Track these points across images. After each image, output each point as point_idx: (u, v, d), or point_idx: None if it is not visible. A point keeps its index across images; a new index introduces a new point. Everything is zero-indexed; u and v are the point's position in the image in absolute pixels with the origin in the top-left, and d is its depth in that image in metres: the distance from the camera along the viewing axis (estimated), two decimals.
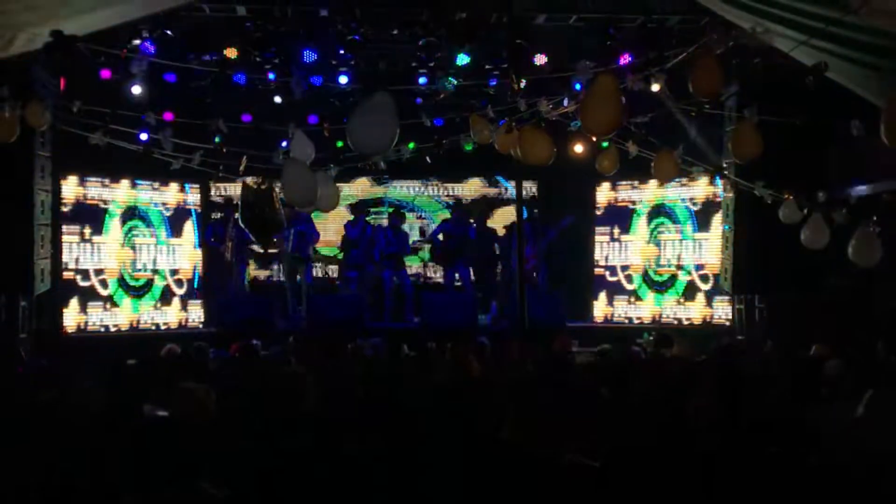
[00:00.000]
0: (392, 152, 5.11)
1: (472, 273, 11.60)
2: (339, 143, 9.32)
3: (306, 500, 3.20)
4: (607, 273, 11.69)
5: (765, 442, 3.39)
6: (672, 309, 11.17)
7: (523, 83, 7.58)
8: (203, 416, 4.01)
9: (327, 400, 4.40)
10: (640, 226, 11.47)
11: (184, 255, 11.24)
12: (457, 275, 11.60)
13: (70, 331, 10.08)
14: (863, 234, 6.28)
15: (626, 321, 11.47)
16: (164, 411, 4.29)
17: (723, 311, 10.71)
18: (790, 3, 5.39)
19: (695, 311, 10.98)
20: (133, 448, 3.32)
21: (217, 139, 7.77)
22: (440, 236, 11.63)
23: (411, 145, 8.11)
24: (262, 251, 11.34)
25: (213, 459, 3.28)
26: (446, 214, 12.46)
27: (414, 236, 12.16)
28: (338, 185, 7.44)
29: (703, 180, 10.53)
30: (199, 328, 11.08)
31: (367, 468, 3.30)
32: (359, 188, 12.87)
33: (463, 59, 9.59)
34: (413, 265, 12.38)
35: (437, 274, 12.47)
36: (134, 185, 10.73)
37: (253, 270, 12.11)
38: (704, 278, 10.92)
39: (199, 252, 11.31)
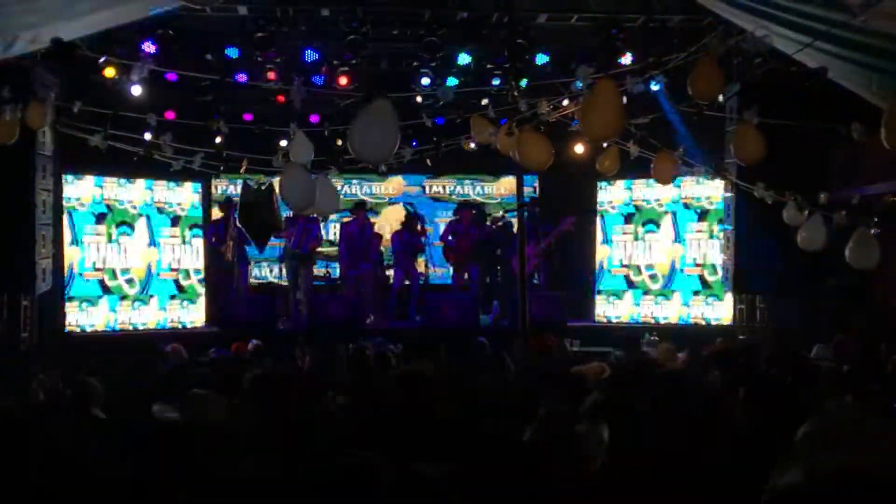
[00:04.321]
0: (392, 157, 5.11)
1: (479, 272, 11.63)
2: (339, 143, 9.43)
3: None
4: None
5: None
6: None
7: (524, 83, 7.57)
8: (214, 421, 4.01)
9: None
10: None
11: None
12: (466, 275, 11.61)
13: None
14: (860, 236, 6.25)
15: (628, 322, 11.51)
16: (173, 413, 4.30)
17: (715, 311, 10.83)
18: (792, 5, 5.38)
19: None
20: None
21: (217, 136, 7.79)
22: (450, 237, 11.64)
23: None
24: (258, 252, 11.35)
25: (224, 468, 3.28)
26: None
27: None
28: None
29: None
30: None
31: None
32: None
33: (464, 59, 9.60)
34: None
35: (438, 273, 12.47)
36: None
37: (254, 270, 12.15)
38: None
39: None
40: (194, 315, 11.32)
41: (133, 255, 10.87)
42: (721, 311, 10.89)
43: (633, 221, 11.52)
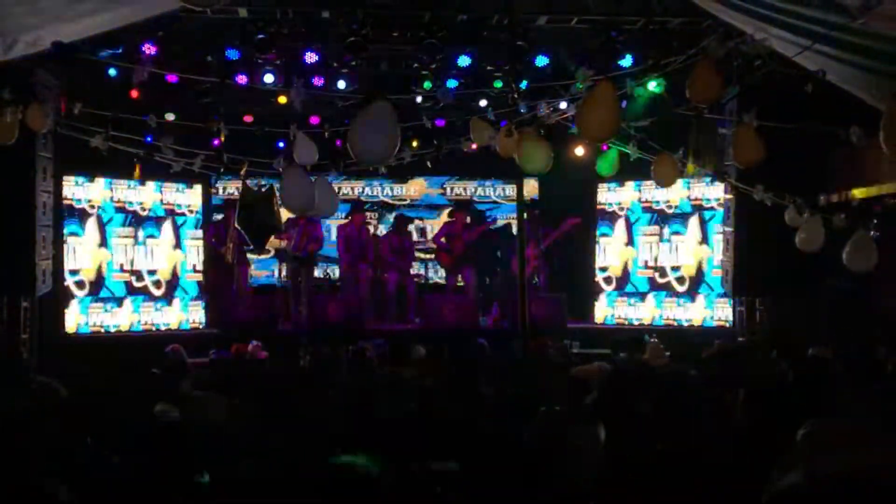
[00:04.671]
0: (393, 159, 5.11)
1: (474, 274, 11.66)
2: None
3: None
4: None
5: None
6: (673, 311, 11.21)
7: (523, 85, 7.59)
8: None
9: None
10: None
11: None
12: (459, 277, 11.62)
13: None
14: (858, 238, 6.26)
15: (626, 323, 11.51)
16: (176, 414, 4.31)
17: (721, 312, 10.85)
18: (792, 7, 5.39)
19: (696, 313, 11.04)
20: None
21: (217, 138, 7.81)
22: (443, 239, 11.65)
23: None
24: (256, 253, 11.38)
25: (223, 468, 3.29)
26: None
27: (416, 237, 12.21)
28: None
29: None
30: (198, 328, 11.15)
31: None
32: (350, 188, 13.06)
33: (464, 61, 9.62)
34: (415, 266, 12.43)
35: (437, 275, 12.49)
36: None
37: (254, 271, 12.16)
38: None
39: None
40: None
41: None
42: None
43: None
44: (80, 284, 10.35)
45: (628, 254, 11.59)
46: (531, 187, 12.06)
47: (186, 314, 11.24)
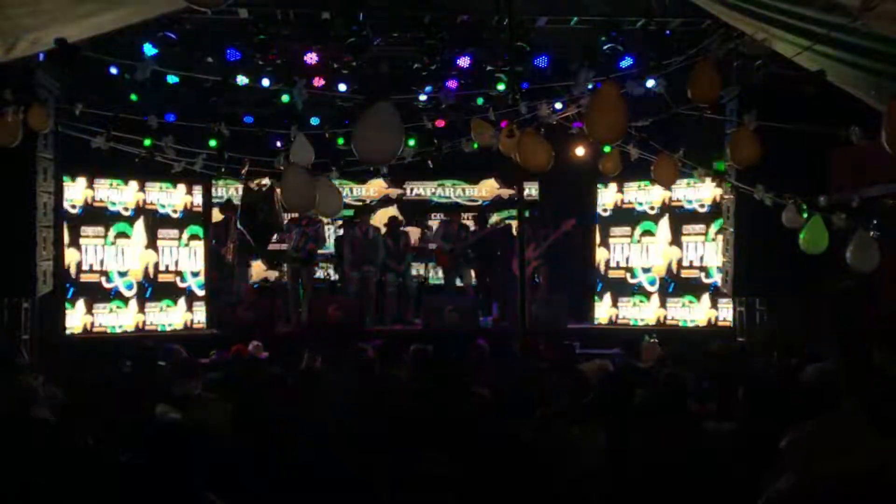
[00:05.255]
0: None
1: (473, 275, 11.66)
2: (340, 141, 9.50)
3: None
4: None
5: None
6: (674, 311, 11.16)
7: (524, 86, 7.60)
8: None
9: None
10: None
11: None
12: (458, 278, 11.62)
13: (75, 332, 10.17)
14: (860, 239, 6.27)
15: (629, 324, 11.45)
16: (175, 414, 4.31)
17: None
18: (792, 8, 5.40)
19: (700, 314, 11.00)
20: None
21: (212, 142, 7.82)
22: (441, 240, 11.65)
23: (412, 141, 8.19)
24: (259, 254, 11.39)
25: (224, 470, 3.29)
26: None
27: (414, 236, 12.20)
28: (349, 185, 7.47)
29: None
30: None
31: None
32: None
33: (464, 62, 9.64)
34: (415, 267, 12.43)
35: (438, 275, 12.48)
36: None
37: (255, 272, 12.17)
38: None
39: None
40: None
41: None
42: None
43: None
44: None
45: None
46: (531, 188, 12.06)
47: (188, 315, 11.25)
